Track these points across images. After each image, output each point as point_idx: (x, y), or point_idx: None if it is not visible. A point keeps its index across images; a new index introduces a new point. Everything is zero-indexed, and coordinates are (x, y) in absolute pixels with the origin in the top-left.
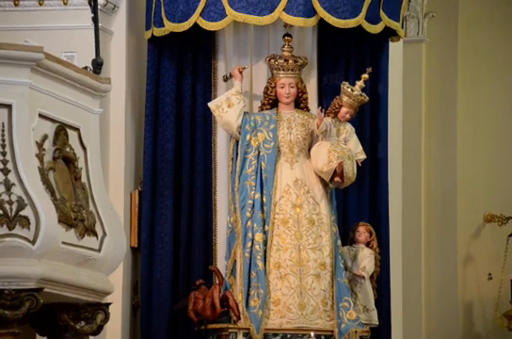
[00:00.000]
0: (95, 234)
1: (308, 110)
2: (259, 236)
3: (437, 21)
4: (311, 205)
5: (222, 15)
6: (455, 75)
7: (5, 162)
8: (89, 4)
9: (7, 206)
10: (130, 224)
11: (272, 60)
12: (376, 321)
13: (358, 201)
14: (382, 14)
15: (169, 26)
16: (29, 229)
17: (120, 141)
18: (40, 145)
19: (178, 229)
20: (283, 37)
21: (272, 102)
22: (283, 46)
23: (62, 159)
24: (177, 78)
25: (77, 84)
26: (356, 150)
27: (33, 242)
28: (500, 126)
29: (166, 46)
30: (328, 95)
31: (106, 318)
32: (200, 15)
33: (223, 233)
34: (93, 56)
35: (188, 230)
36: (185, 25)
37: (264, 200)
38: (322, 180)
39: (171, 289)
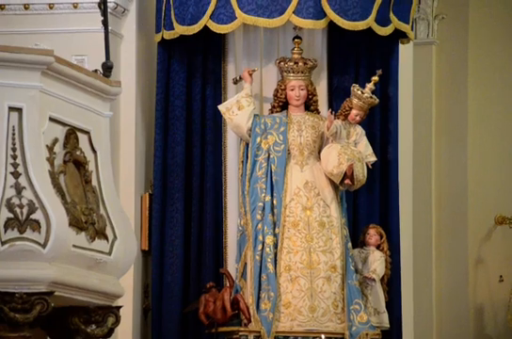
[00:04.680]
0: (106, 238)
1: (318, 113)
2: (269, 239)
3: (447, 23)
4: (321, 208)
5: (232, 18)
6: (465, 77)
7: (15, 165)
8: (99, 7)
9: (17, 210)
10: (140, 227)
11: (282, 63)
12: (386, 324)
13: (368, 204)
14: (392, 16)
15: (179, 29)
16: (40, 232)
17: (131, 144)
18: (50, 148)
19: (188, 232)
20: (293, 39)
21: (282, 104)
22: (293, 49)
23: (73, 163)
24: (187, 81)
25: (87, 87)
26: (366, 152)
27: (44, 245)
28: (511, 127)
29: (176, 49)
30: (338, 97)
31: (117, 321)
32: (210, 18)
33: (233, 235)
34: (103, 60)
35: (199, 233)
36: (195, 28)
37: (275, 202)
38: (332, 182)
39: (182, 292)
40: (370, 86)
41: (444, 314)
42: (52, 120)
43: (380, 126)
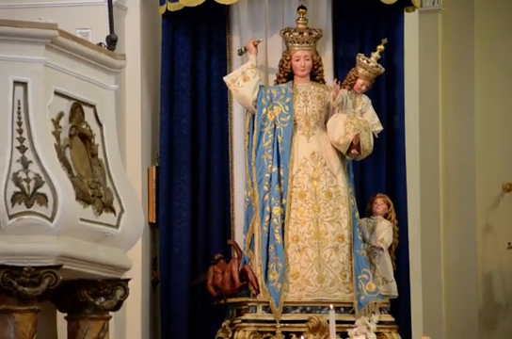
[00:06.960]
0: (113, 211)
1: (324, 83)
2: (277, 210)
3: None
4: (328, 178)
5: None
6: (471, 45)
7: (21, 140)
8: None
9: (24, 184)
10: (148, 200)
11: (287, 33)
12: (395, 293)
13: (375, 173)
14: None
15: (183, 1)
16: (47, 206)
17: (136, 117)
18: (56, 122)
19: (196, 204)
20: (298, 9)
21: (287, 75)
22: (298, 19)
23: (78, 136)
24: (192, 53)
25: (92, 60)
26: (372, 121)
27: (51, 219)
28: None
29: (180, 21)
30: (343, 67)
31: (126, 294)
32: None
33: (241, 207)
34: (107, 33)
35: (206, 204)
36: None
37: (282, 173)
38: (339, 152)
39: (190, 264)
40: (375, 55)
41: (453, 282)
42: (57, 93)
43: (386, 95)
